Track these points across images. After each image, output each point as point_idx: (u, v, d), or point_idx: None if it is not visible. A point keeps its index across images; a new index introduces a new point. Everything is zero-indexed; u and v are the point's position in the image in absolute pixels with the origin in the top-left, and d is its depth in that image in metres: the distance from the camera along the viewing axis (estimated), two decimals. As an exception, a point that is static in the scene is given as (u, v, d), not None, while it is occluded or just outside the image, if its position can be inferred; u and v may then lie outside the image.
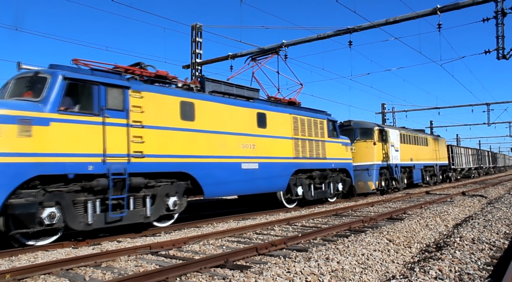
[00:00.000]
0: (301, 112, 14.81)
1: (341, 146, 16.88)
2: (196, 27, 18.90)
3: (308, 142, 14.74)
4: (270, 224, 10.30)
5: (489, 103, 37.58)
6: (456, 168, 36.87)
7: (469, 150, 43.83)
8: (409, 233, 8.48)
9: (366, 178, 19.25)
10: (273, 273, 5.21)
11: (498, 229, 8.63)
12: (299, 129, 14.40)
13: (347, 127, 20.36)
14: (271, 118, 13.25)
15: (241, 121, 12.11)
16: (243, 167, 11.96)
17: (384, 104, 40.46)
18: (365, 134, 20.19)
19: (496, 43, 14.12)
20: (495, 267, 5.66)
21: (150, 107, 9.69)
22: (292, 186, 13.91)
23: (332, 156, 16.08)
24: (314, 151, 15.03)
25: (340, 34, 16.37)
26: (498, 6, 13.71)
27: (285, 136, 13.71)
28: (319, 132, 15.52)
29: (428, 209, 12.65)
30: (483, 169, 52.43)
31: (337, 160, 16.41)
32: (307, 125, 14.85)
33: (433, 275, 5.18)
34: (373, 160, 19.56)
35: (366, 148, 19.73)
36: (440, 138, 32.67)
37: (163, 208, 9.91)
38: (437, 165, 29.60)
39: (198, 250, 7.48)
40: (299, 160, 14.13)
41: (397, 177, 21.89)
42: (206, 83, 11.86)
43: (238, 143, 11.86)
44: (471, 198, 16.62)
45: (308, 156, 14.62)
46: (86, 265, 6.33)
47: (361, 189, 19.32)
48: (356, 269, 5.70)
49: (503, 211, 11.54)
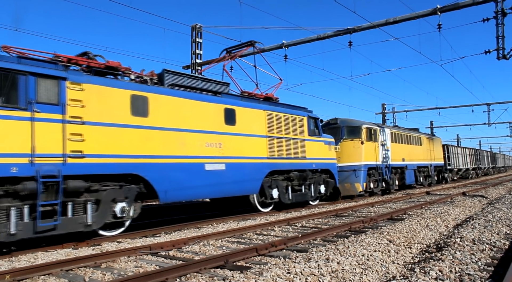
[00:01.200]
0: (278, 108, 13.71)
1: (324, 145, 15.81)
2: (196, 28, 18.90)
3: (285, 141, 13.67)
4: (270, 225, 10.29)
5: (490, 104, 37.58)
6: (453, 168, 35.79)
7: (467, 149, 42.70)
8: (410, 233, 8.47)
9: (353, 179, 18.18)
10: (273, 273, 5.20)
11: (498, 229, 8.61)
12: (275, 126, 13.32)
13: (334, 125, 19.37)
14: (242, 114, 12.14)
15: (205, 117, 11.01)
16: (207, 168, 10.85)
17: (384, 105, 40.46)
18: (352, 133, 19.14)
19: (496, 43, 14.12)
20: (496, 268, 5.64)
21: (93, 102, 8.62)
22: (266, 188, 12.86)
23: (313, 155, 15.01)
24: (292, 150, 13.95)
25: (340, 35, 16.37)
26: (498, 6, 13.71)
27: (257, 134, 12.64)
28: (298, 130, 14.40)
29: (429, 210, 12.64)
30: (482, 170, 51.19)
31: (319, 160, 15.32)
32: (284, 122, 13.76)
33: (433, 275, 5.16)
34: (360, 160, 18.52)
35: (353, 147, 18.74)
36: (435, 137, 31.80)
37: (109, 215, 8.82)
38: (431, 165, 28.62)
39: (198, 251, 7.47)
40: (274, 160, 13.09)
41: (388, 178, 20.93)
42: (166, 76, 10.71)
43: (201, 142, 10.77)
44: (472, 198, 16.60)
45: (284, 156, 13.55)
46: (86, 265, 6.32)
47: (348, 191, 18.28)
48: (356, 270, 5.69)
49: (503, 212, 11.52)
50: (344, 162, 18.18)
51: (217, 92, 11.88)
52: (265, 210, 13.36)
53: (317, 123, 15.61)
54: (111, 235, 9.10)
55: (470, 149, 44.52)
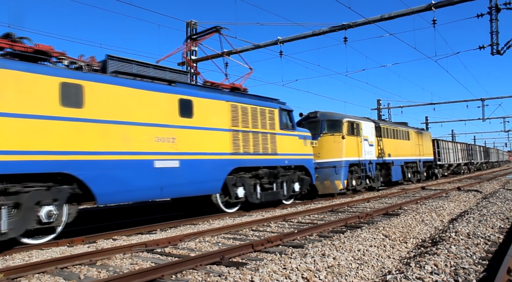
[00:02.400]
0: (244, 99, 12.54)
1: (298, 140, 14.62)
2: (191, 24, 18.80)
3: (252, 135, 12.49)
4: (266, 221, 10.29)
5: (484, 99, 37.80)
6: (443, 163, 34.72)
7: (458, 144, 41.74)
8: (405, 228, 8.50)
9: (333, 176, 17.02)
10: (269, 269, 5.20)
11: (493, 223, 8.67)
12: (240, 119, 12.12)
13: (313, 119, 18.24)
14: (200, 106, 10.98)
15: (155, 109, 9.89)
16: (157, 165, 9.71)
17: (379, 101, 40.55)
18: (332, 127, 17.95)
19: (490, 38, 14.16)
20: (490, 262, 5.67)
21: (9, 90, 7.46)
22: (230, 187, 11.76)
23: (286, 151, 13.89)
24: (261, 145, 12.80)
25: (335, 31, 16.35)
26: (492, 1, 13.75)
27: (219, 127, 11.45)
28: (268, 124, 13.22)
29: (424, 204, 12.69)
30: (474, 165, 50.10)
31: (293, 156, 14.22)
32: (252, 115, 12.58)
33: (428, 270, 5.18)
34: (341, 156, 17.36)
35: (333, 142, 17.58)
36: (425, 132, 30.63)
37: (32, 220, 7.67)
38: (420, 160, 27.46)
39: (194, 247, 7.46)
40: (239, 156, 11.93)
41: (372, 175, 19.85)
42: (110, 62, 9.59)
43: (150, 136, 9.63)
44: (467, 193, 16.69)
45: (251, 151, 12.39)
46: (81, 263, 6.29)
47: (327, 188, 17.16)
48: (352, 265, 5.70)
49: (498, 206, 11.60)
50: (324, 158, 17.26)
51: (171, 82, 10.73)
52: (230, 211, 12.27)
53: (290, 116, 14.49)
54: (36, 243, 7.92)
55: (461, 143, 43.76)
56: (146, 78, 10.23)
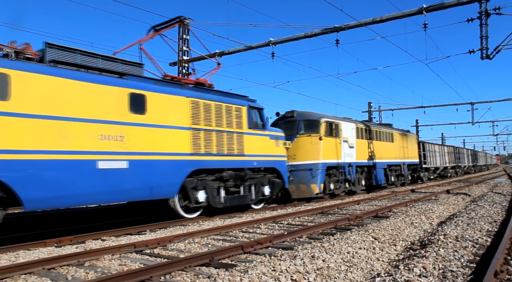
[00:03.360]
0: (207, 95, 11.60)
1: (269, 140, 13.73)
2: (184, 24, 18.74)
3: (215, 134, 11.57)
4: (256, 222, 10.28)
5: (473, 103, 38.12)
6: (429, 167, 33.79)
7: (445, 147, 40.92)
8: (394, 231, 8.55)
9: (309, 179, 16.03)
10: (259, 271, 5.19)
11: (481, 226, 8.75)
12: (202, 117, 11.20)
13: (290, 119, 17.31)
14: (155, 101, 10.06)
15: (101, 104, 8.95)
16: (101, 166, 8.78)
17: (370, 103, 40.75)
18: (309, 127, 16.98)
19: (480, 43, 14.30)
20: (478, 264, 5.72)
21: None
22: (190, 190, 10.83)
23: (255, 152, 12.98)
24: (225, 146, 11.87)
25: (327, 33, 16.39)
26: (482, 6, 13.88)
27: (177, 125, 10.53)
28: (235, 122, 12.29)
29: (413, 207, 12.77)
30: (462, 168, 49.48)
31: (263, 157, 13.28)
32: (216, 112, 11.66)
33: (417, 272, 5.21)
34: (318, 158, 16.42)
35: (310, 143, 16.62)
36: (410, 134, 29.54)
37: None
38: (404, 163, 26.54)
39: (183, 249, 7.42)
40: (200, 156, 11.00)
41: (351, 178, 18.88)
42: (48, 51, 8.68)
43: (93, 133, 8.70)
44: (455, 196, 16.84)
45: (214, 152, 11.47)
46: (68, 264, 6.23)
47: (303, 192, 16.09)
48: (342, 267, 5.72)
49: (486, 209, 11.72)
50: (300, 160, 16.35)
51: (122, 74, 9.81)
52: (190, 216, 11.24)
53: (261, 114, 13.58)
54: None
55: (449, 146, 43.11)
56: (93, 70, 9.26)
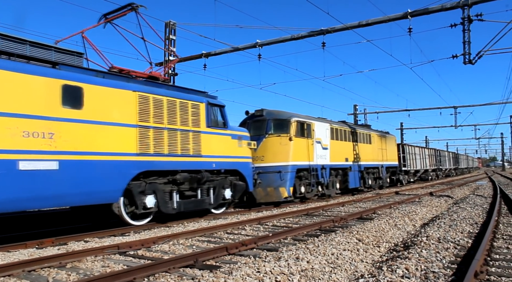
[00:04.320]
0: (158, 90, 10.56)
1: (231, 140, 12.78)
2: (170, 25, 18.65)
3: (167, 132, 10.55)
4: (241, 224, 10.27)
5: (456, 107, 38.83)
6: (409, 169, 32.92)
7: (426, 149, 40.14)
8: (378, 232, 8.62)
9: (277, 182, 15.12)
10: (243, 273, 5.19)
11: (462, 228, 8.89)
12: (151, 113, 10.18)
13: (259, 118, 16.32)
14: (95, 95, 8.96)
15: (25, 96, 7.90)
16: (23, 166, 7.72)
17: (356, 106, 41.13)
18: (279, 127, 16.04)
19: (463, 48, 14.55)
20: (459, 265, 5.81)
21: None
22: (137, 194, 9.83)
23: (215, 152, 12.03)
24: (179, 145, 10.87)
25: (313, 35, 16.51)
26: (464, 12, 14.13)
27: (122, 122, 9.49)
28: (191, 120, 11.29)
29: (397, 209, 12.91)
30: (443, 171, 48.74)
31: (223, 158, 12.35)
32: (168, 109, 10.64)
33: (400, 273, 5.27)
34: (287, 159, 15.51)
35: (279, 144, 15.69)
36: (389, 135, 28.45)
37: None
38: (383, 166, 25.56)
39: (167, 250, 7.37)
40: (148, 157, 10.00)
41: (324, 181, 17.94)
42: None
43: (13, 130, 7.65)
44: (438, 198, 17.08)
45: (166, 152, 10.48)
46: (50, 266, 6.13)
47: (271, 196, 15.14)
48: (326, 269, 5.74)
49: (467, 211, 11.91)
50: (268, 161, 15.44)
51: (56, 64, 8.77)
52: (138, 223, 10.19)
53: (222, 112, 12.59)
54: None
55: (429, 149, 42.62)
56: (17, 57, 8.16)
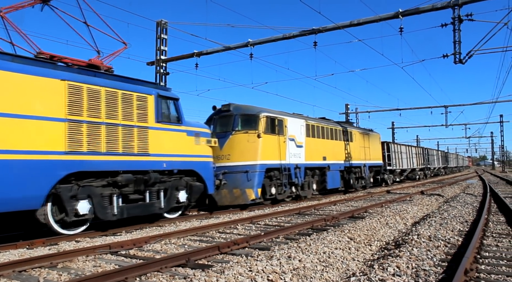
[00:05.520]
0: (95, 80, 9.31)
1: (186, 137, 11.52)
2: (161, 24, 18.58)
3: (106, 128, 9.31)
4: (233, 223, 10.27)
5: (447, 106, 39.19)
6: (395, 169, 31.46)
7: (413, 148, 38.83)
8: (370, 231, 8.68)
9: (244, 183, 13.92)
10: (235, 272, 5.19)
11: (453, 226, 8.98)
12: (85, 106, 8.94)
13: (226, 113, 15.11)
14: (7, 83, 7.80)
15: None
16: None
17: (348, 105, 41.33)
18: (247, 123, 14.83)
19: (454, 48, 14.66)
20: (449, 263, 5.87)
21: None
22: (67, 199, 8.62)
23: (166, 151, 10.82)
24: (121, 143, 9.62)
25: (305, 35, 16.53)
26: (455, 12, 14.24)
27: (44, 116, 8.27)
28: (136, 114, 10.03)
29: (389, 208, 12.99)
30: (431, 170, 47.30)
31: (176, 157, 11.13)
32: (107, 101, 9.39)
33: (391, 272, 5.31)
34: (255, 158, 14.29)
35: (247, 141, 14.47)
36: (373, 133, 26.91)
37: None
38: (365, 165, 24.06)
39: (159, 250, 7.36)
40: (81, 156, 8.77)
41: (298, 182, 16.65)
42: None
43: None
44: (429, 197, 17.22)
45: (104, 150, 9.23)
46: (41, 266, 6.08)
47: (236, 198, 13.93)
48: (318, 267, 5.77)
49: (458, 209, 12.03)
50: (234, 160, 14.25)
51: None
52: (70, 233, 8.90)
53: (177, 106, 11.37)
54: None
55: (417, 147, 41.53)
56: None
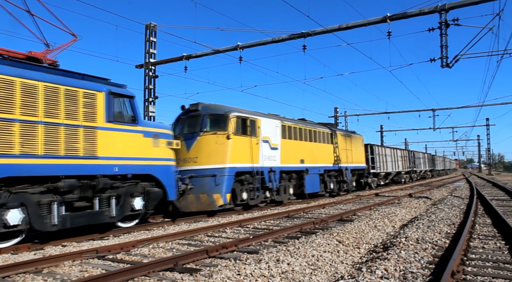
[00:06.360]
0: (30, 73, 8.38)
1: (143, 138, 10.52)
2: (150, 26, 18.51)
3: (44, 128, 8.41)
4: (222, 226, 10.23)
5: (435, 109, 39.67)
6: (379, 172, 30.22)
7: (398, 151, 37.58)
8: (358, 234, 8.70)
9: (212, 188, 12.94)
10: (223, 275, 5.17)
11: (440, 229, 9.05)
12: (17, 102, 8.03)
13: (194, 113, 14.16)
14: None
15: None
16: None
17: (337, 108, 41.55)
18: (216, 123, 13.90)
19: (441, 52, 14.84)
20: (436, 266, 5.90)
21: None
22: None
23: (118, 153, 9.82)
24: (63, 144, 8.72)
25: (294, 38, 16.60)
26: (442, 17, 14.42)
27: None
28: (82, 113, 9.09)
29: (377, 211, 13.06)
30: (418, 173, 46.22)
31: (130, 161, 10.12)
32: (45, 97, 8.49)
33: (379, 274, 5.32)
34: (224, 161, 13.38)
35: (215, 143, 13.54)
36: (355, 135, 26.10)
37: None
38: (347, 168, 23.08)
39: (147, 254, 7.29)
40: (10, 159, 7.84)
41: (273, 186, 15.69)
42: None
43: None
44: (417, 200, 17.35)
45: (41, 153, 8.31)
46: (25, 271, 5.99)
47: (203, 204, 12.92)
48: (306, 270, 5.76)
49: (445, 212, 12.13)
50: (202, 163, 13.31)
51: None
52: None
53: (132, 104, 10.43)
54: None
55: (402, 150, 40.31)
56: None
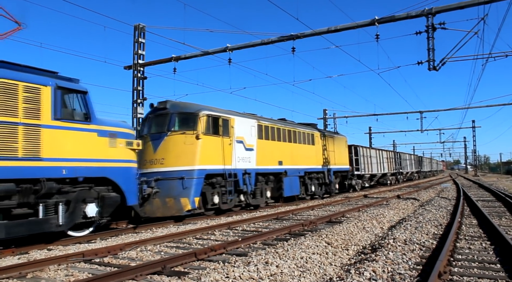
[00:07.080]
0: None
1: (97, 138, 9.67)
2: (139, 28, 18.39)
3: None
4: (211, 229, 10.18)
5: (422, 111, 40.12)
6: (364, 173, 29.49)
7: (384, 152, 36.86)
8: (347, 235, 8.72)
9: (179, 191, 12.13)
10: (212, 278, 5.13)
11: (428, 230, 9.12)
12: None
13: (162, 112, 13.35)
14: None
15: None
16: None
17: (325, 110, 41.71)
18: (185, 122, 13.10)
19: (428, 55, 14.98)
20: (424, 266, 5.94)
21: None
22: None
23: (67, 154, 8.96)
24: None
25: (283, 40, 16.63)
26: (428, 21, 14.58)
27: None
28: (22, 109, 8.21)
29: (366, 212, 13.11)
30: (404, 175, 45.99)
31: (82, 162, 9.26)
32: None
33: (367, 276, 5.33)
34: (193, 163, 12.56)
35: (184, 144, 12.73)
36: (338, 135, 25.20)
37: None
38: (330, 170, 22.15)
39: (135, 257, 7.21)
40: None
41: (248, 189, 14.89)
42: None
43: None
44: (405, 201, 17.48)
45: None
46: (8, 276, 5.88)
47: (169, 208, 12.02)
48: (295, 273, 5.75)
49: (432, 213, 12.24)
50: (169, 165, 12.50)
51: None
52: None
53: (85, 101, 9.57)
54: None
55: (388, 151, 39.41)
56: None
